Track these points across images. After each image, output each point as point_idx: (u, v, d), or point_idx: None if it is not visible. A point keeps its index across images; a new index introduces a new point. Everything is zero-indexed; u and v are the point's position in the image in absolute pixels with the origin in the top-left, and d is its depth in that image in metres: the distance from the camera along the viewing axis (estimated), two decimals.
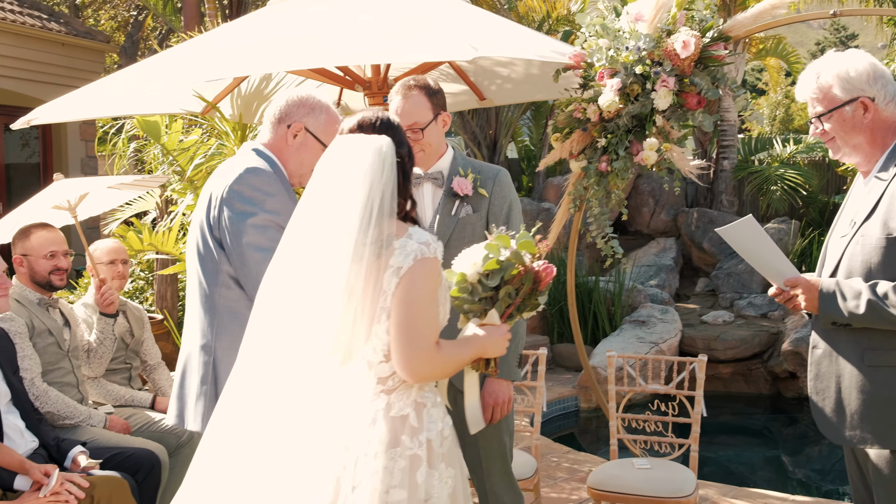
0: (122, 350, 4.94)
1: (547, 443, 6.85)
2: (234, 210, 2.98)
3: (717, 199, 12.61)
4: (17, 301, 4.32)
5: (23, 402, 3.90)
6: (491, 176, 3.54)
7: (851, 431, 3.01)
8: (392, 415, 2.39)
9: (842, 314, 2.93)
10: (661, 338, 9.02)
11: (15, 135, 13.10)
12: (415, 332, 2.35)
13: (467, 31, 4.13)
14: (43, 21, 12.85)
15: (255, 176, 3.02)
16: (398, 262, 2.35)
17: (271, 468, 2.34)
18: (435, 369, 2.41)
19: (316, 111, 3.14)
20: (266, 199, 2.98)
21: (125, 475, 3.87)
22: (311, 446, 2.36)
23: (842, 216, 3.16)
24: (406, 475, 2.35)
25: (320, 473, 2.35)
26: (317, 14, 4.46)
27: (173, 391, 3.26)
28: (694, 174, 4.35)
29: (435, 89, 3.46)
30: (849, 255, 3.00)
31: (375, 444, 2.35)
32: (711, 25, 4.29)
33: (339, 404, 2.41)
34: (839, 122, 3.05)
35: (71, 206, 4.78)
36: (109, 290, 4.67)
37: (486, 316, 2.55)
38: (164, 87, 5.06)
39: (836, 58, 3.09)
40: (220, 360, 3.06)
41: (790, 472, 7.94)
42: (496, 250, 2.50)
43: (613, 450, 4.59)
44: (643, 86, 4.31)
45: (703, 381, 4.39)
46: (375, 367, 2.41)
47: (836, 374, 3.04)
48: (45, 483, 3.43)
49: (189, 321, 3.19)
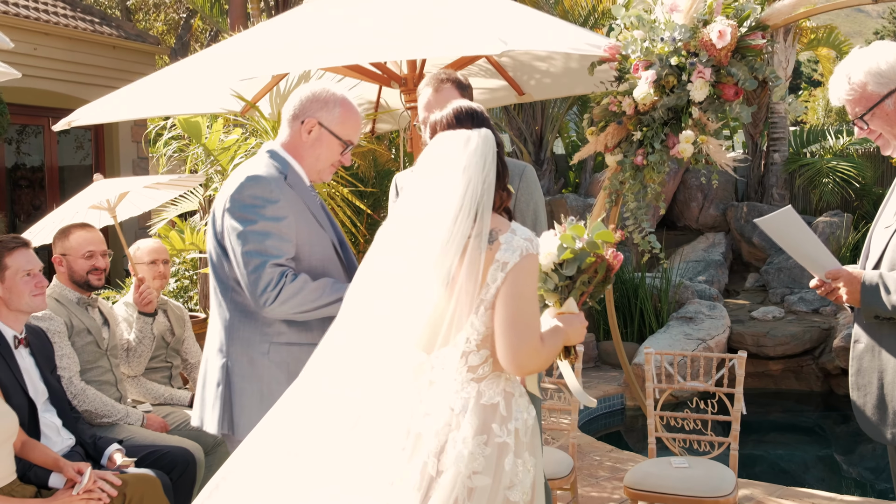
0: (163, 349, 4.99)
1: (590, 441, 6.77)
2: (234, 218, 2.99)
3: (767, 193, 12.39)
4: (56, 300, 4.38)
5: (60, 400, 3.95)
6: (517, 173, 3.50)
7: (894, 429, 2.91)
8: (483, 402, 2.43)
9: (885, 307, 2.84)
10: (709, 334, 8.88)
11: (69, 137, 13.34)
12: (523, 326, 2.38)
13: (497, 25, 4.09)
14: (94, 24, 13.06)
15: (254, 184, 3.01)
16: (505, 256, 2.39)
17: (358, 454, 2.36)
18: (540, 361, 2.45)
19: (329, 105, 3.11)
20: (266, 205, 2.97)
21: (160, 473, 3.89)
22: (399, 431, 2.40)
23: (887, 207, 3.06)
24: (492, 462, 2.39)
25: (409, 459, 2.39)
26: (348, 12, 4.45)
27: (196, 394, 3.30)
28: (730, 167, 4.25)
29: (465, 84, 3.44)
30: (893, 247, 2.91)
31: (466, 430, 2.38)
32: (749, 14, 4.19)
33: (428, 391, 2.45)
34: (883, 118, 2.95)
35: (110, 206, 4.83)
36: (148, 290, 4.71)
37: (565, 304, 2.60)
38: (198, 87, 5.10)
39: (864, 54, 2.99)
40: (234, 364, 3.09)
41: (844, 470, 7.76)
42: (570, 241, 2.55)
43: (651, 448, 4.52)
44: (679, 77, 4.23)
45: (742, 377, 4.29)
46: (468, 356, 2.45)
47: (878, 370, 2.95)
48: (77, 481, 3.46)
49: (209, 325, 3.23)
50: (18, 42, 11.67)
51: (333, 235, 3.21)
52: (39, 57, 12.06)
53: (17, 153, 13.00)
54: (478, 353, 2.45)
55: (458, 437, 2.38)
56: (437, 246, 2.37)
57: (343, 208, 6.16)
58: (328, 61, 4.16)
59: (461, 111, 2.58)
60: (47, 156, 12.74)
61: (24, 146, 12.97)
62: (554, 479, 4.27)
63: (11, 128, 12.37)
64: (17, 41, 11.59)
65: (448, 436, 2.39)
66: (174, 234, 6.25)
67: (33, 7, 12.25)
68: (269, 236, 2.96)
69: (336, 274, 3.14)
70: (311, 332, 3.05)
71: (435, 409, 2.43)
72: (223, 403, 3.09)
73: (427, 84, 3.41)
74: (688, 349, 8.52)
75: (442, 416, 2.41)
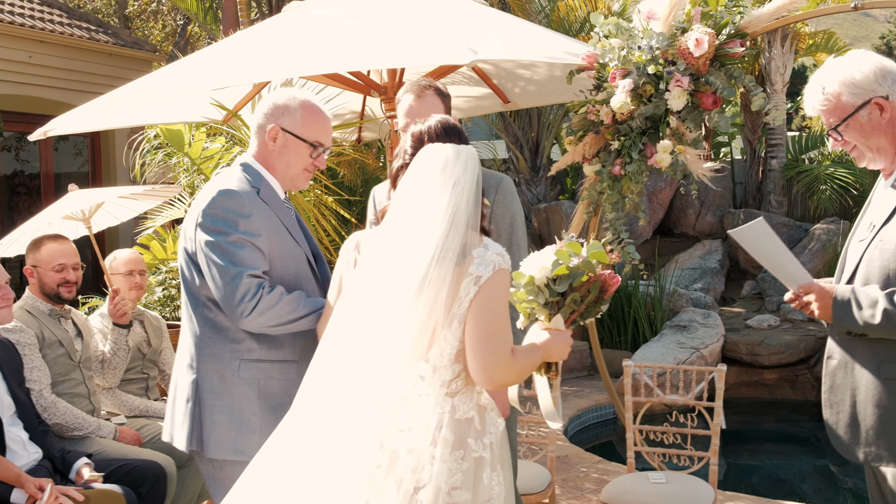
0: (139, 360, 4.94)
1: (578, 452, 6.70)
2: (207, 232, 2.94)
3: (765, 200, 12.30)
4: (28, 312, 4.34)
5: (27, 413, 3.90)
6: (493, 185, 3.45)
7: (867, 448, 2.84)
8: (457, 417, 2.42)
9: (857, 323, 2.77)
10: (703, 343, 8.80)
11: (67, 144, 13.35)
12: (495, 340, 2.39)
13: (469, 35, 4.03)
14: (91, 32, 13.05)
15: (227, 198, 2.96)
16: (478, 270, 2.40)
17: (336, 471, 2.35)
18: (511, 375, 2.46)
19: (290, 110, 3.06)
20: (239, 220, 2.93)
21: (126, 488, 3.84)
22: (376, 449, 2.37)
23: (862, 220, 2.99)
24: (470, 477, 2.39)
25: (384, 476, 2.35)
26: (322, 21, 4.40)
27: (167, 409, 3.24)
28: (707, 177, 4.19)
29: (445, 93, 3.41)
30: (867, 261, 2.84)
31: (441, 447, 2.37)
32: (727, 22, 4.13)
33: (402, 407, 2.42)
34: (857, 129, 2.87)
35: (85, 217, 4.79)
36: (122, 301, 4.66)
37: (552, 321, 2.58)
38: (176, 96, 5.05)
39: (838, 64, 2.92)
40: (204, 380, 3.03)
41: (840, 480, 7.66)
42: (566, 257, 2.52)
43: (630, 462, 4.45)
44: (656, 86, 4.17)
45: (722, 391, 4.22)
46: (440, 370, 2.43)
47: (851, 387, 2.88)
48: (39, 497, 3.41)
49: (180, 340, 3.18)
50: (14, 50, 11.73)
51: (308, 249, 3.16)
52: (35, 65, 12.06)
53: (16, 160, 13.01)
54: (451, 367, 2.44)
55: (435, 452, 2.36)
56: (421, 262, 2.37)
57: (329, 218, 6.11)
58: (295, 71, 4.12)
59: (449, 125, 2.61)
60: (43, 163, 12.73)
61: (22, 153, 12.98)
62: (531, 494, 4.19)
63: (10, 136, 12.39)
64: (13, 49, 11.67)
65: (425, 451, 2.36)
66: (155, 243, 6.21)
67: (28, 15, 12.25)
68: (244, 248, 2.92)
69: (309, 288, 3.09)
70: (281, 348, 3.02)
71: (410, 424, 2.40)
72: (192, 420, 3.03)
73: (408, 90, 3.36)
74: (681, 358, 8.45)
75: (418, 431, 2.38)
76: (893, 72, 2.87)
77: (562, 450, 6.73)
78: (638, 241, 11.80)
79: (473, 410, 2.47)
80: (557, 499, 5.58)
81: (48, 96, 12.03)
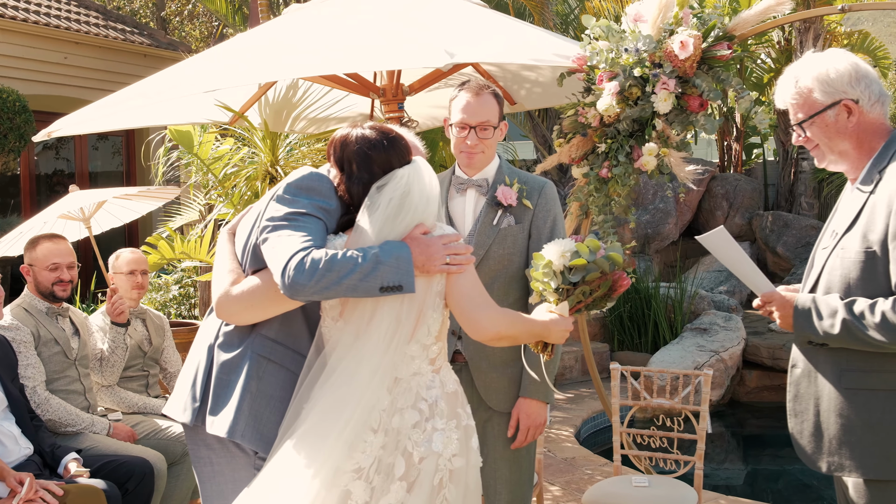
0: (140, 358, 5.03)
1: (586, 454, 6.68)
2: (282, 202, 2.66)
3: (796, 202, 12.14)
4: (25, 310, 4.45)
5: (19, 408, 4.00)
6: (537, 188, 3.52)
7: (830, 458, 2.81)
8: (447, 391, 2.64)
9: (817, 333, 2.74)
10: (723, 346, 8.70)
11: (107, 144, 13.61)
12: (480, 295, 2.62)
13: (450, 36, 4.04)
14: (126, 34, 13.28)
15: (316, 178, 2.70)
16: None
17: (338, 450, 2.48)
18: (502, 326, 2.63)
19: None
20: (319, 201, 2.66)
21: (110, 484, 3.91)
22: (383, 427, 2.53)
23: (827, 229, 2.96)
24: (464, 444, 2.61)
25: (390, 453, 2.52)
26: (310, 24, 4.45)
27: (192, 388, 2.87)
28: (689, 180, 4.15)
29: (501, 96, 3.48)
30: (829, 270, 2.81)
31: (440, 417, 2.57)
32: (714, 24, 4.10)
33: (396, 387, 2.58)
34: (822, 128, 2.83)
35: (85, 217, 4.88)
36: (120, 300, 4.75)
37: (558, 305, 2.73)
38: (179, 97, 5.13)
39: (815, 59, 2.87)
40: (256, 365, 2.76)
41: None
42: (586, 251, 2.70)
43: (617, 465, 4.43)
44: (643, 89, 4.14)
45: (707, 396, 4.19)
46: (428, 348, 2.62)
47: (814, 396, 2.85)
48: (18, 491, 3.49)
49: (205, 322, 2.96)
50: (49, 51, 11.98)
51: None
52: (70, 66, 12.31)
53: (56, 158, 13.29)
54: (436, 344, 2.64)
55: (437, 423, 2.56)
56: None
57: None
58: (287, 73, 4.16)
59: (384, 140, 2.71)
60: (78, 163, 12.99)
61: (62, 151, 13.27)
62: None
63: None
64: (48, 50, 11.92)
65: (426, 424, 2.54)
66: (163, 243, 6.32)
67: (65, 17, 12.50)
68: (312, 218, 2.63)
69: None
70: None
71: (411, 402, 2.56)
72: (239, 408, 2.71)
73: (468, 90, 3.40)
74: (700, 361, 8.37)
75: (419, 406, 2.56)
76: (869, 76, 2.82)
77: (570, 451, 6.72)
78: (664, 242, 11.71)
79: (455, 384, 2.70)
80: (559, 500, 5.58)
81: (83, 97, 12.25)
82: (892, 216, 2.62)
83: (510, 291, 3.43)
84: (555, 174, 12.68)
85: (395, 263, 2.48)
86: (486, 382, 3.46)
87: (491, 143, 3.43)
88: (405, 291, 2.49)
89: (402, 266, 2.49)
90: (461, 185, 3.52)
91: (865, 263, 2.69)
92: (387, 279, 2.47)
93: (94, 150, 13.59)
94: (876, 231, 2.67)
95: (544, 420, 3.46)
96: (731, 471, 7.77)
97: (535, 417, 3.43)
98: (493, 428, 3.47)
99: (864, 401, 2.73)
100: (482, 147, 3.41)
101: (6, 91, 9.79)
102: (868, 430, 2.72)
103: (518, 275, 3.43)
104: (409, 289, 2.50)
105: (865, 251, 2.69)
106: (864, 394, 2.74)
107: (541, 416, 3.44)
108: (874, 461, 2.72)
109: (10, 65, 11.43)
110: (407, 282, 2.49)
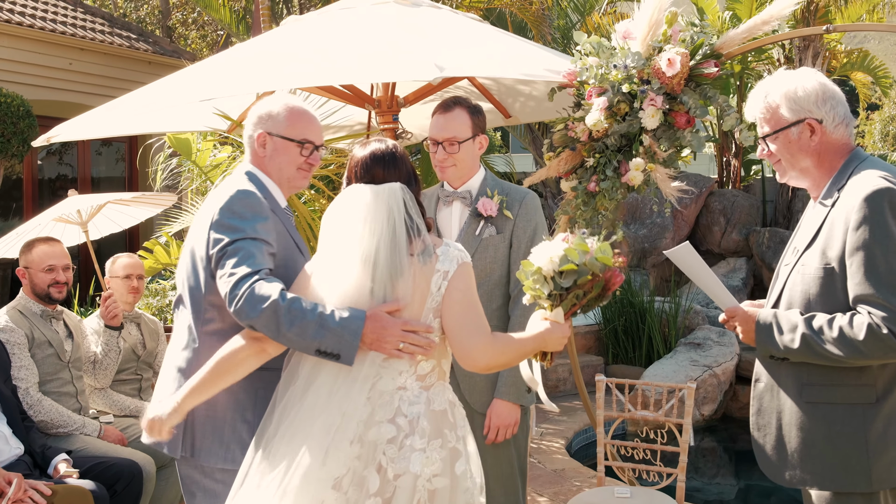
0: (133, 361, 5.09)
1: (576, 466, 6.72)
2: (222, 231, 2.81)
3: (794, 218, 12.17)
4: (20, 312, 4.51)
5: (10, 409, 4.06)
6: (518, 199, 3.64)
7: (791, 471, 2.87)
8: (433, 409, 2.59)
9: (778, 347, 2.81)
10: (716, 361, 8.74)
11: (111, 149, 13.69)
12: (473, 323, 2.60)
13: (441, 50, 4.10)
14: (131, 41, 13.38)
15: (245, 198, 2.87)
16: (444, 266, 2.61)
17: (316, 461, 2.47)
18: (495, 355, 2.62)
19: (273, 114, 3.04)
20: (256, 221, 2.84)
21: (99, 485, 3.97)
22: (359, 438, 2.51)
23: (790, 245, 3.02)
24: (448, 465, 2.55)
25: (364, 466, 2.50)
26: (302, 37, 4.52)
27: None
28: (674, 197, 4.21)
29: (478, 110, 3.59)
30: (790, 285, 2.88)
31: (421, 435, 2.53)
32: (702, 43, 4.16)
33: (379, 400, 2.56)
34: (785, 144, 2.91)
35: (82, 221, 4.95)
36: (114, 304, 4.81)
37: (553, 312, 2.71)
38: (177, 105, 5.20)
39: (786, 76, 2.95)
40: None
41: None
42: (575, 255, 2.65)
43: (600, 476, 4.48)
44: (631, 105, 4.21)
45: (691, 408, 4.25)
46: (416, 364, 2.59)
47: (777, 410, 2.91)
48: (6, 491, 3.55)
49: (171, 346, 3.09)
50: (55, 57, 12.08)
51: (306, 259, 3.19)
52: (75, 71, 12.40)
53: (59, 163, 13.38)
54: (427, 361, 2.61)
55: (415, 442, 2.52)
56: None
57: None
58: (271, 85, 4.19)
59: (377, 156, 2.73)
60: (80, 168, 13.07)
61: (66, 156, 13.35)
62: None
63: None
64: (54, 56, 12.02)
65: (404, 441, 2.51)
66: (159, 248, 6.38)
67: (71, 23, 12.60)
68: (262, 246, 2.79)
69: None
70: (282, 357, 2.87)
71: (389, 416, 2.54)
72: (184, 426, 2.91)
73: (442, 106, 3.57)
74: (693, 375, 8.41)
75: (397, 421, 2.53)
76: (835, 98, 2.89)
77: (559, 463, 6.77)
78: (661, 257, 11.75)
79: (446, 404, 2.63)
80: None
81: (87, 102, 12.34)
82: (850, 233, 2.68)
83: (492, 299, 3.54)
84: (553, 187, 12.74)
85: (340, 332, 2.53)
86: (470, 384, 3.59)
87: (462, 157, 3.56)
88: (342, 362, 2.53)
89: (346, 338, 2.54)
90: (447, 198, 3.68)
91: (824, 279, 2.76)
92: (325, 345, 2.54)
93: (97, 155, 13.67)
94: (834, 248, 2.73)
95: (516, 420, 3.58)
96: (723, 486, 7.79)
97: (506, 418, 3.55)
98: (474, 429, 3.53)
99: (823, 414, 2.80)
100: (452, 161, 3.57)
101: (10, 96, 9.88)
102: (828, 443, 2.78)
103: (500, 283, 3.57)
104: (346, 361, 2.54)
105: (824, 267, 2.76)
106: (823, 407, 2.80)
107: (511, 417, 3.56)
108: (834, 473, 2.78)
109: (15, 70, 11.52)
110: (346, 354, 2.53)
